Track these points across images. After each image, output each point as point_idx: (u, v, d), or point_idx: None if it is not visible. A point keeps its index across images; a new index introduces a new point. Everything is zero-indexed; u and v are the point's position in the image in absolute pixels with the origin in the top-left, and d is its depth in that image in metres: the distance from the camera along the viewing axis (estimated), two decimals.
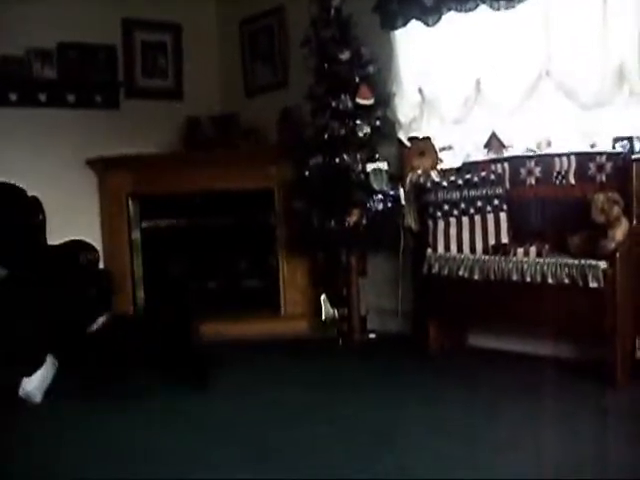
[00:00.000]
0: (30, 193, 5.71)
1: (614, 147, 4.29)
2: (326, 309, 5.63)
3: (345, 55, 5.21)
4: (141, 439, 3.65)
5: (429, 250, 4.75)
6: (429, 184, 4.81)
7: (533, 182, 4.66)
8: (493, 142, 4.88)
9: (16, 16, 5.85)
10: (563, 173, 4.51)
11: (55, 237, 5.64)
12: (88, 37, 6.22)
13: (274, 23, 6.39)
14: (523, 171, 4.70)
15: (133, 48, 6.53)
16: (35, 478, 3.25)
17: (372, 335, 5.48)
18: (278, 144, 6.02)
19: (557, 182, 4.54)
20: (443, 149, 5.22)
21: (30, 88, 5.99)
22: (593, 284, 3.93)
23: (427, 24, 5.03)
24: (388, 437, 3.52)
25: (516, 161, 4.75)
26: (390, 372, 4.69)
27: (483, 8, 4.70)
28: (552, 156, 4.59)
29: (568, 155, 4.50)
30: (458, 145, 5.20)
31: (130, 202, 6.07)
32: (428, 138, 5.19)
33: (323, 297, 5.64)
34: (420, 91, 5.21)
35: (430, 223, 4.77)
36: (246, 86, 6.67)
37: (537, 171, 4.63)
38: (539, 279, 4.15)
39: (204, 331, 5.13)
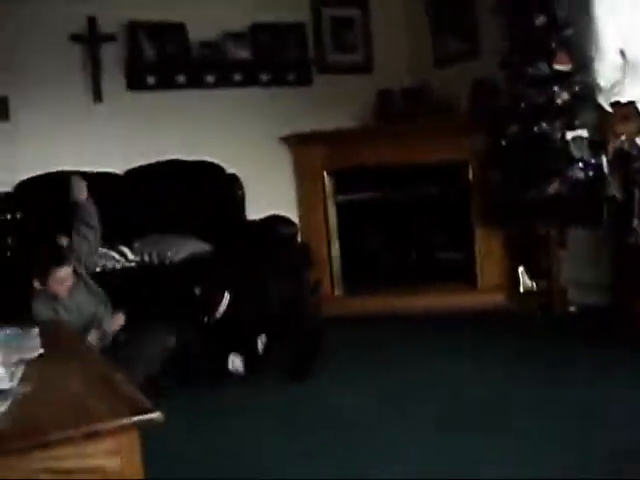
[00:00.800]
0: (229, 170, 5.93)
1: None
2: (524, 281, 5.53)
3: (540, 19, 5.05)
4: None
5: (635, 220, 4.54)
6: (635, 151, 4.59)
7: None
8: None
9: (210, 2, 6.04)
10: None
11: (253, 213, 5.84)
12: (279, 17, 6.32)
13: None
14: None
15: (322, 24, 6.59)
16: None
17: (572, 308, 5.32)
18: (471, 114, 5.91)
19: None
20: None
21: (225, 69, 6.17)
22: None
23: None
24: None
25: None
26: (582, 348, 4.51)
27: None
28: None
29: None
30: None
31: (325, 176, 6.16)
32: (632, 102, 4.93)
33: (521, 269, 5.54)
34: (622, 53, 4.97)
35: (636, 192, 4.56)
36: (435, 56, 6.58)
37: None
38: None
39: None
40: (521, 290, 5.55)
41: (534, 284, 5.48)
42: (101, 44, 5.75)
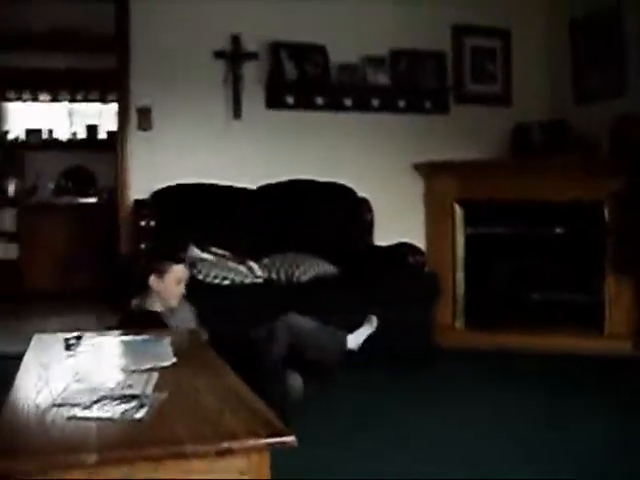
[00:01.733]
0: (360, 194, 5.94)
1: None
2: None
3: None
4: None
5: None
6: None
7: None
8: None
9: (352, 26, 6.13)
10: None
11: (381, 238, 5.83)
12: (419, 44, 6.31)
13: (608, 25, 6.08)
14: None
15: (462, 54, 6.55)
16: None
17: None
18: (611, 154, 5.73)
19: None
20: None
21: (363, 93, 6.19)
22: None
23: None
24: None
25: None
26: None
27: None
28: None
29: None
30: None
31: (456, 207, 6.10)
32: None
33: None
34: None
35: None
36: (576, 92, 6.41)
37: None
38: None
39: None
40: None
41: None
42: (243, 62, 5.87)
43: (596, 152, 5.92)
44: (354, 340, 4.43)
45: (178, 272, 4.03)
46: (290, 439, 1.85)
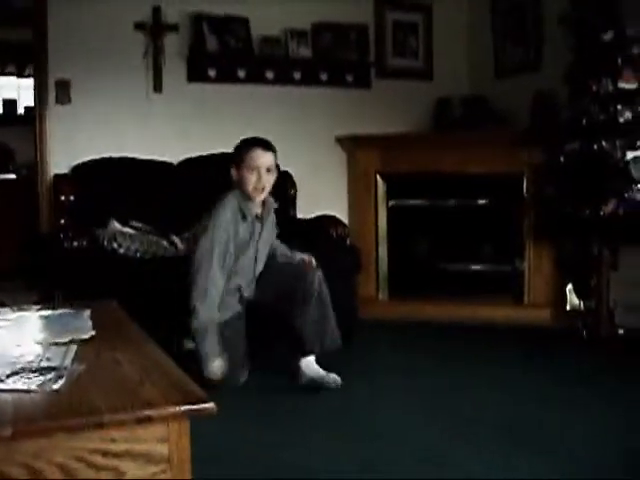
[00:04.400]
0: (282, 167, 5.92)
1: None
2: (571, 300, 5.45)
3: (608, 35, 4.97)
4: None
5: None
6: None
7: None
8: None
9: None
10: None
11: (303, 211, 5.84)
12: (342, 17, 6.31)
13: (527, 1, 6.18)
14: None
15: (385, 28, 6.57)
16: None
17: (620, 331, 5.22)
18: (530, 128, 5.85)
19: None
20: None
21: (286, 66, 6.18)
22: None
23: None
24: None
25: None
26: (621, 373, 4.43)
27: None
28: None
29: None
30: None
31: (378, 180, 6.14)
32: None
33: (569, 287, 5.47)
34: None
35: None
36: (496, 67, 6.52)
37: None
38: None
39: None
40: (567, 308, 5.48)
41: (581, 303, 5.40)
42: (164, 34, 5.79)
43: (515, 126, 6.05)
44: (308, 367, 4.15)
45: (259, 158, 3.80)
46: (209, 406, 1.86)
